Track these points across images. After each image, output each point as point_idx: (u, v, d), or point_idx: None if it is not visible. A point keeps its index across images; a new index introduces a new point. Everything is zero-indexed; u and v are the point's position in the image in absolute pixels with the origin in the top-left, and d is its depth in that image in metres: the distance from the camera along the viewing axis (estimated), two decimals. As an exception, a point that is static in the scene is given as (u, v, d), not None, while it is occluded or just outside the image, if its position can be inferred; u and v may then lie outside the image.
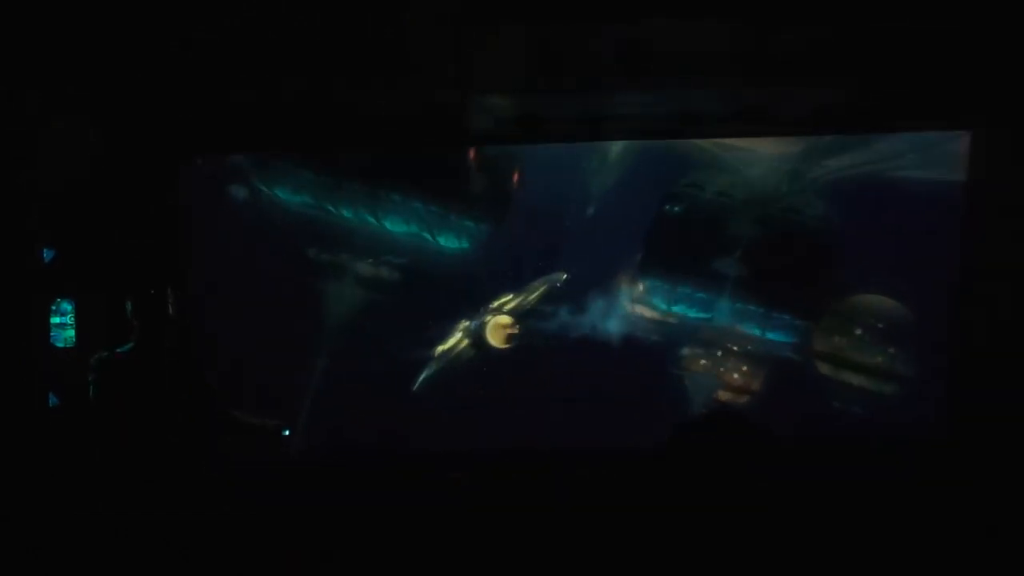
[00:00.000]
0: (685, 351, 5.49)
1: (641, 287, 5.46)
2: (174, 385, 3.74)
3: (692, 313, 5.49)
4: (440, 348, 5.52)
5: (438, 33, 4.57)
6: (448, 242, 5.43)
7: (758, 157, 5.34)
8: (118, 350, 3.71)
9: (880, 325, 5.40)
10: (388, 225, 5.44)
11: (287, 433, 4.33)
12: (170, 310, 3.72)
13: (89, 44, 4.50)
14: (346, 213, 5.42)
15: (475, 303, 5.54)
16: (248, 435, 4.17)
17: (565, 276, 5.48)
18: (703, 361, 5.50)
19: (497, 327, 5.52)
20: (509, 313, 5.53)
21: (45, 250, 5.00)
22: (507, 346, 5.53)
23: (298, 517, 4.64)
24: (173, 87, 4.88)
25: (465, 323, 5.53)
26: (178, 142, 5.21)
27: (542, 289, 5.50)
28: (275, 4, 4.34)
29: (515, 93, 5.09)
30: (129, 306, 3.66)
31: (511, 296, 5.51)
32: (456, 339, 5.53)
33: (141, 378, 3.71)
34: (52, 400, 5.00)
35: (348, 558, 4.43)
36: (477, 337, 5.54)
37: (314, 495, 4.89)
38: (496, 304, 5.52)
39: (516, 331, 5.54)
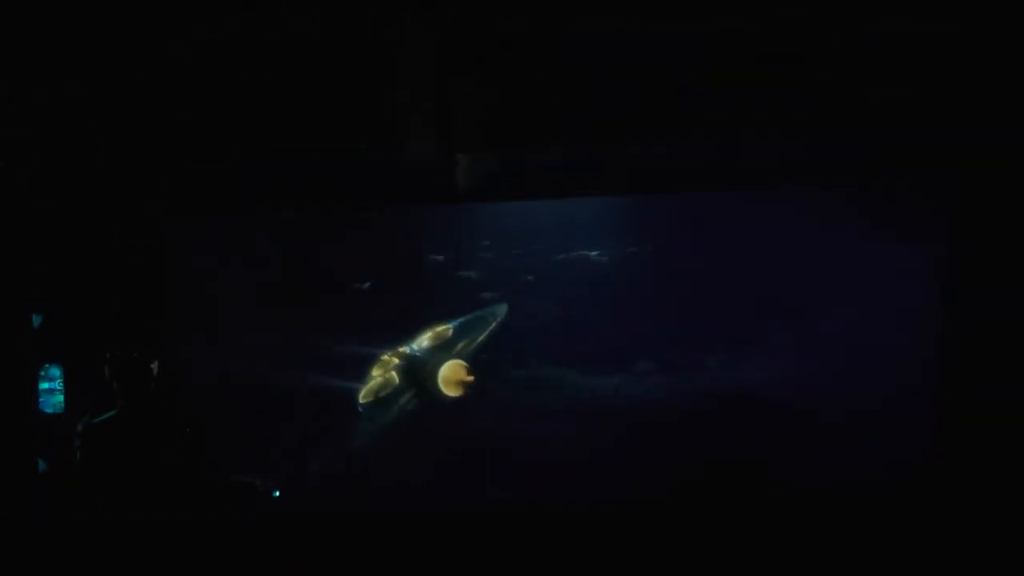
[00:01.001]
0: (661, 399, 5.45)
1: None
2: (161, 449, 3.71)
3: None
4: (375, 390, 5.06)
5: (420, 92, 4.65)
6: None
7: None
8: (102, 417, 3.67)
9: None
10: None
11: (277, 494, 4.28)
12: (154, 373, 3.69)
13: (77, 102, 4.56)
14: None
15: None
16: (238, 497, 4.12)
17: (506, 307, 5.06)
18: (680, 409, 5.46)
19: (452, 373, 5.04)
20: (461, 356, 5.09)
21: (34, 315, 5.02)
22: (460, 395, 5.04)
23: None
24: (161, 148, 4.93)
25: (396, 360, 5.11)
26: (165, 204, 5.23)
27: (492, 325, 5.05)
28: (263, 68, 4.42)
29: (496, 149, 5.14)
30: (107, 371, 3.62)
31: (449, 328, 5.07)
32: (395, 382, 5.03)
33: (127, 443, 3.67)
34: (41, 466, 4.97)
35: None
36: (426, 384, 5.07)
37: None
38: (431, 337, 5.12)
39: (472, 378, 5.10)
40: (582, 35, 4.21)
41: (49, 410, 5.03)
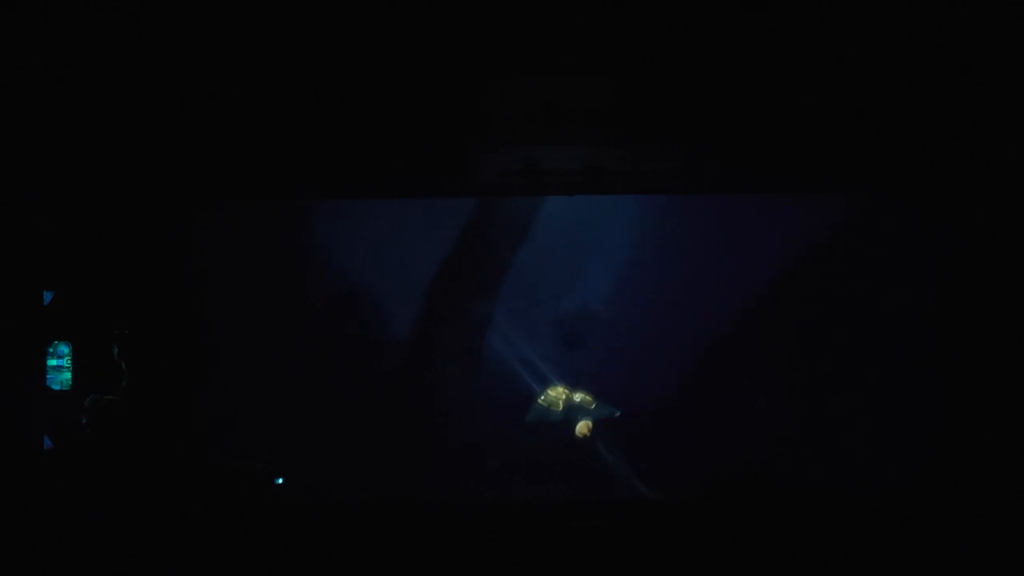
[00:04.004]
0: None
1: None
2: (164, 430, 3.71)
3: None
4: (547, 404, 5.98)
5: (446, 86, 4.65)
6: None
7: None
8: (106, 396, 3.68)
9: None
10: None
11: (280, 482, 4.28)
12: (162, 354, 3.70)
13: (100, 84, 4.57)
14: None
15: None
16: (238, 482, 4.12)
17: (619, 414, 5.93)
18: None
19: (584, 426, 6.12)
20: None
21: (44, 292, 5.03)
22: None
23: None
24: (185, 133, 4.94)
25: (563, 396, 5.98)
26: (189, 188, 5.23)
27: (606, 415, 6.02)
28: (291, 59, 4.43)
29: (520, 145, 5.15)
30: (116, 349, 3.63)
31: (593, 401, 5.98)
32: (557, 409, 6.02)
33: (131, 423, 3.68)
34: (47, 443, 4.98)
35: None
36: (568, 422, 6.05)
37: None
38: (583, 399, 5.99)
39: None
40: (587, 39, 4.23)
41: (56, 387, 5.04)
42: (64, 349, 5.06)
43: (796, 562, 4.74)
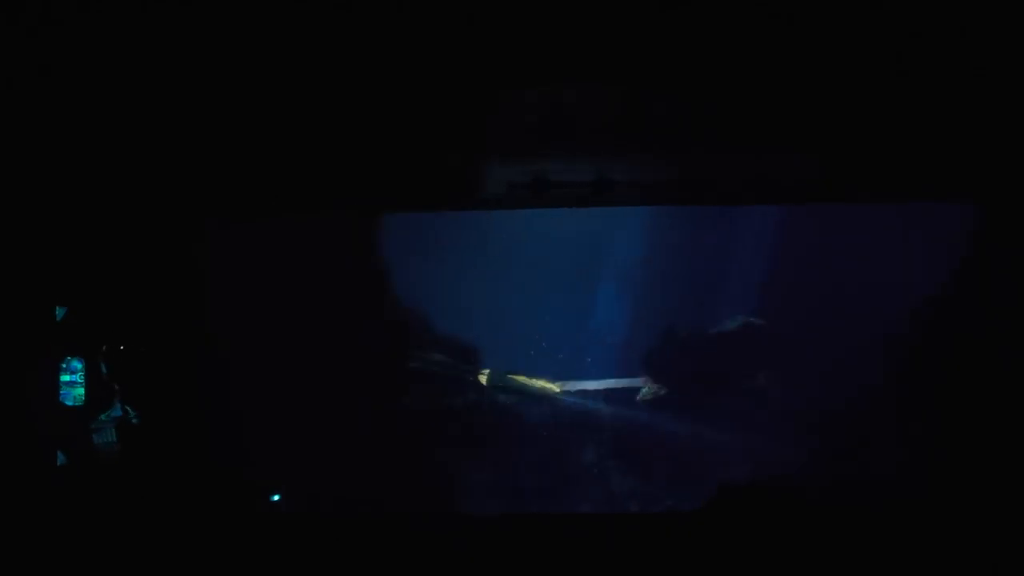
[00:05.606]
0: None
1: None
2: (176, 444, 3.74)
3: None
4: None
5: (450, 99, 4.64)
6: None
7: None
8: (111, 412, 3.72)
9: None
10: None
11: (277, 498, 4.29)
12: (172, 369, 3.72)
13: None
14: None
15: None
16: (235, 497, 4.14)
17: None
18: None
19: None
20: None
21: (58, 308, 5.11)
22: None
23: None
24: (192, 153, 5.00)
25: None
26: (197, 205, 5.29)
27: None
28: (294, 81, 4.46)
29: (525, 158, 5.10)
30: (104, 368, 3.66)
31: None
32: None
33: (144, 438, 3.72)
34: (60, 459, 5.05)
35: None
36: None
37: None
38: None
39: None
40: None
41: (70, 403, 5.10)
42: (77, 365, 5.12)
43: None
